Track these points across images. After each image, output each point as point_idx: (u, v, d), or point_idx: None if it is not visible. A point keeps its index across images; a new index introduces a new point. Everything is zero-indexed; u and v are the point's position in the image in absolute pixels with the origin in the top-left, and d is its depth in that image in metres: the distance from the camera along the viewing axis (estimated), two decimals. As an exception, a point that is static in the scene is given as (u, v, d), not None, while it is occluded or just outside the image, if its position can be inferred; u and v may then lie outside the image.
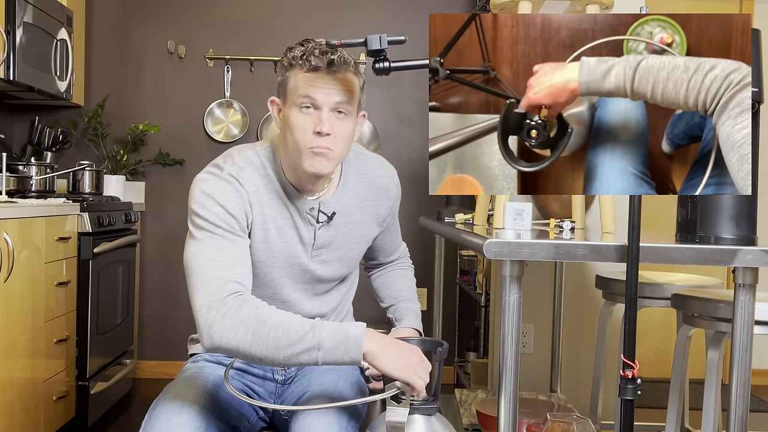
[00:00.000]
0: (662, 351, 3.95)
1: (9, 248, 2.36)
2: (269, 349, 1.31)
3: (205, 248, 1.42)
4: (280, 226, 1.54)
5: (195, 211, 1.46)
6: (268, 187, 1.53)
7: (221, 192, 1.47)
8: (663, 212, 3.75)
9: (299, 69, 1.44)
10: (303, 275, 1.59)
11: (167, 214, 3.95)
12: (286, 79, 1.47)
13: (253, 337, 1.31)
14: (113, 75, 3.94)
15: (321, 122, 1.43)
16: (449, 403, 2.80)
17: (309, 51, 1.43)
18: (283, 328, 1.31)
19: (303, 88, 1.44)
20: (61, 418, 2.84)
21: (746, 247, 1.40)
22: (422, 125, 4.00)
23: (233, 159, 1.53)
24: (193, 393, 1.46)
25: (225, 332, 1.32)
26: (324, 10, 3.96)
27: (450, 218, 2.58)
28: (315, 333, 1.31)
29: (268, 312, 1.35)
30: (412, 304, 1.81)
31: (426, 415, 1.40)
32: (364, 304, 2.22)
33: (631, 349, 1.36)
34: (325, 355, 1.31)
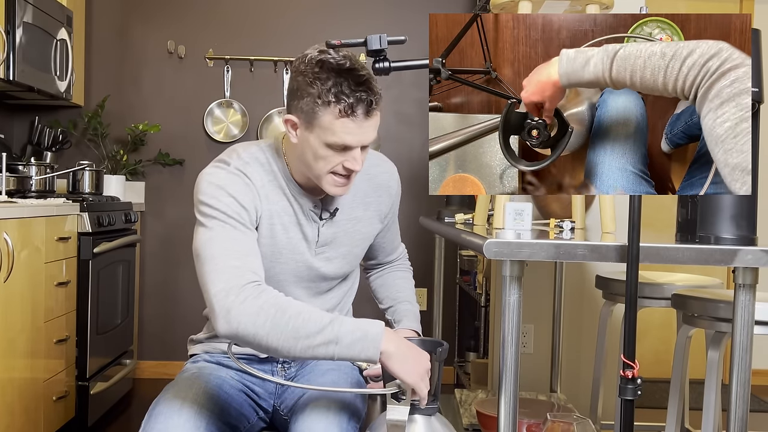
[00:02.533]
0: (662, 351, 3.96)
1: (9, 248, 2.36)
2: (287, 339, 1.30)
3: (218, 237, 1.40)
4: (285, 223, 1.54)
5: (205, 202, 1.43)
6: (273, 184, 1.53)
7: (231, 184, 1.45)
8: (663, 212, 3.75)
9: (336, 113, 1.38)
10: (307, 273, 1.59)
11: (167, 214, 3.95)
12: (315, 113, 1.39)
13: (272, 325, 1.30)
14: (113, 75, 3.94)
15: (354, 161, 1.43)
16: (449, 403, 2.80)
17: (344, 94, 1.37)
18: (303, 318, 1.30)
19: (340, 135, 1.39)
20: (61, 418, 2.84)
21: (746, 247, 1.40)
22: (422, 125, 4.00)
23: (239, 154, 1.52)
24: (193, 393, 1.46)
25: (243, 318, 1.30)
26: (324, 10, 3.96)
27: (450, 218, 2.58)
28: (334, 327, 1.30)
29: (288, 302, 1.33)
30: (411, 305, 1.81)
31: (426, 415, 1.40)
32: (364, 304, 2.23)
33: (631, 349, 1.36)
34: (342, 350, 1.30)
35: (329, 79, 1.36)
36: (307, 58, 1.41)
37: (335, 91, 1.36)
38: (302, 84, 1.40)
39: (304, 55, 1.42)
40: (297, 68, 1.42)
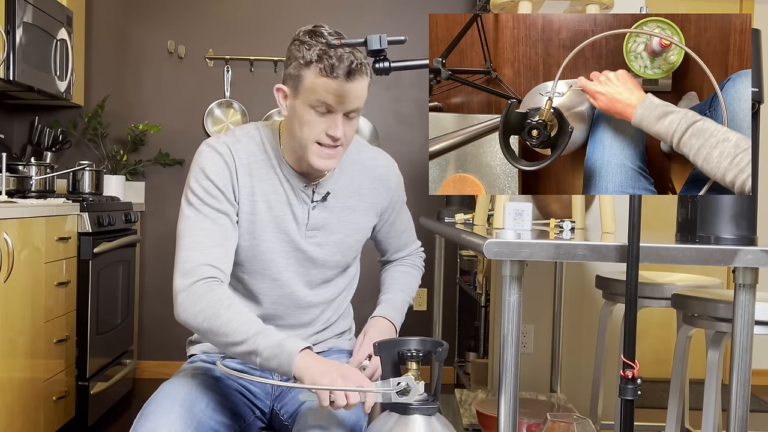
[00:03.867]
0: (662, 351, 3.96)
1: (9, 248, 2.36)
2: (219, 342, 1.42)
3: (190, 227, 1.50)
4: (270, 201, 1.56)
5: (188, 184, 1.54)
6: (265, 162, 1.57)
7: (212, 165, 1.53)
8: (663, 212, 3.75)
9: (317, 72, 1.43)
10: (295, 255, 1.59)
11: (167, 214, 3.95)
12: (300, 75, 1.46)
13: (207, 327, 1.42)
14: (113, 75, 3.94)
15: (335, 127, 1.47)
16: (449, 403, 2.80)
17: (328, 54, 1.42)
18: (232, 327, 1.39)
19: (321, 94, 1.44)
20: (61, 418, 2.84)
21: (746, 247, 1.40)
22: (422, 125, 4.00)
23: (234, 132, 1.60)
24: (185, 392, 1.47)
25: (189, 316, 1.44)
26: (324, 10, 3.96)
27: (450, 218, 2.58)
28: (257, 340, 1.37)
29: (226, 307, 1.42)
30: (393, 295, 1.77)
31: (426, 415, 1.40)
32: (364, 305, 2.22)
33: (631, 349, 1.36)
34: (263, 361, 1.37)
35: (317, 45, 1.44)
36: (300, 30, 1.50)
37: (319, 52, 1.43)
38: (293, 52, 1.48)
39: (299, 29, 1.51)
40: (292, 40, 1.50)
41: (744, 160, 1.30)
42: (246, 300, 1.62)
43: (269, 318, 1.62)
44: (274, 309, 1.62)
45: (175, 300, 1.47)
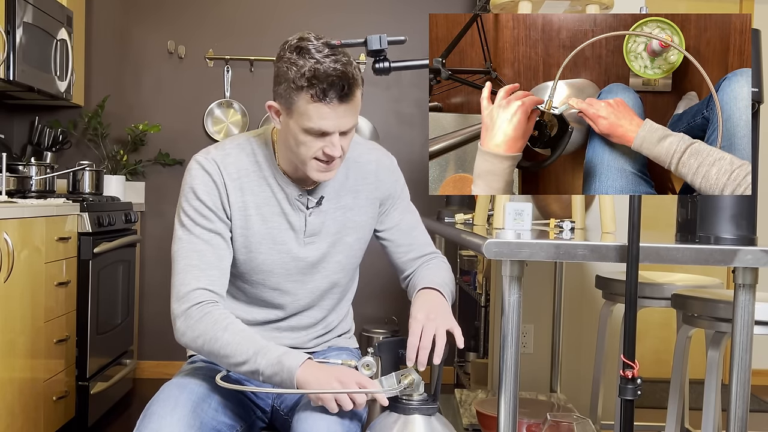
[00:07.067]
0: (662, 351, 3.96)
1: (9, 248, 2.36)
2: (222, 363, 1.46)
3: (183, 250, 1.51)
4: (264, 213, 1.55)
5: (180, 204, 1.55)
6: (256, 174, 1.55)
7: (201, 184, 1.53)
8: (663, 212, 3.75)
9: (309, 98, 1.39)
10: (295, 264, 1.59)
11: (167, 214, 3.95)
12: (292, 99, 1.41)
13: (208, 350, 1.45)
14: (113, 75, 3.94)
15: (332, 146, 1.44)
16: (449, 403, 2.80)
17: (318, 76, 1.37)
18: (231, 349, 1.42)
19: (315, 121, 1.41)
20: (61, 418, 2.84)
21: (746, 247, 1.40)
22: (422, 125, 4.00)
23: (224, 145, 1.58)
24: (187, 393, 1.47)
25: (187, 340, 1.48)
26: (324, 10, 3.96)
27: (450, 218, 2.58)
28: (257, 360, 1.40)
29: (223, 329, 1.44)
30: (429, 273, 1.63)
31: (426, 415, 1.40)
32: (364, 305, 2.23)
33: (631, 349, 1.36)
34: (266, 378, 1.41)
35: (305, 65, 1.39)
36: (287, 45, 1.45)
37: (309, 76, 1.38)
38: (281, 70, 1.44)
39: (285, 41, 1.46)
40: (278, 55, 1.47)
41: (740, 175, 1.34)
42: (249, 306, 1.62)
43: (272, 319, 1.62)
44: (276, 314, 1.63)
45: (174, 324, 1.49)
